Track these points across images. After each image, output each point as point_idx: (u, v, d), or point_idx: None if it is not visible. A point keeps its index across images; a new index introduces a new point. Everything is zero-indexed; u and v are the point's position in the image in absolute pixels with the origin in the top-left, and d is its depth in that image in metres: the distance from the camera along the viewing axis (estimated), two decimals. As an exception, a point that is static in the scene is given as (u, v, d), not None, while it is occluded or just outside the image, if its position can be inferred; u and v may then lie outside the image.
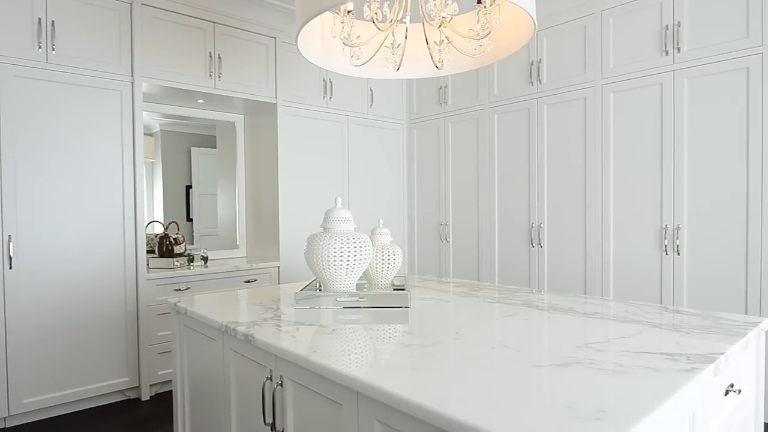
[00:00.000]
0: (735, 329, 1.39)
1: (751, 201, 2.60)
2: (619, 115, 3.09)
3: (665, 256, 2.91)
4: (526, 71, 3.53)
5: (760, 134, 2.57)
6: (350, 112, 4.02)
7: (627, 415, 0.82)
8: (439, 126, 4.17)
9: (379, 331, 1.42)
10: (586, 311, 1.65)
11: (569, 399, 0.89)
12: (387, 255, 1.88)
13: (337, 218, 1.75)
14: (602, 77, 3.14)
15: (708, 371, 1.06)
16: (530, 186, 3.55)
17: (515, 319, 1.55)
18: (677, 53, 2.83)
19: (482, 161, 3.85)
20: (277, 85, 3.57)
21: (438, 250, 4.22)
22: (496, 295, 1.97)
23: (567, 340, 1.29)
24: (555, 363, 1.10)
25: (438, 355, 1.17)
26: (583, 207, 3.27)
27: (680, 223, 2.85)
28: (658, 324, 1.47)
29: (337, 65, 1.95)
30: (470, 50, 1.73)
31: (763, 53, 2.55)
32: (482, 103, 3.82)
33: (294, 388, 1.27)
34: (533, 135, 3.51)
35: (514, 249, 3.67)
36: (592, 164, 3.21)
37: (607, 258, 3.15)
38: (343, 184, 4.00)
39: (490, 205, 3.80)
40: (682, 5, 2.80)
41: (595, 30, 3.16)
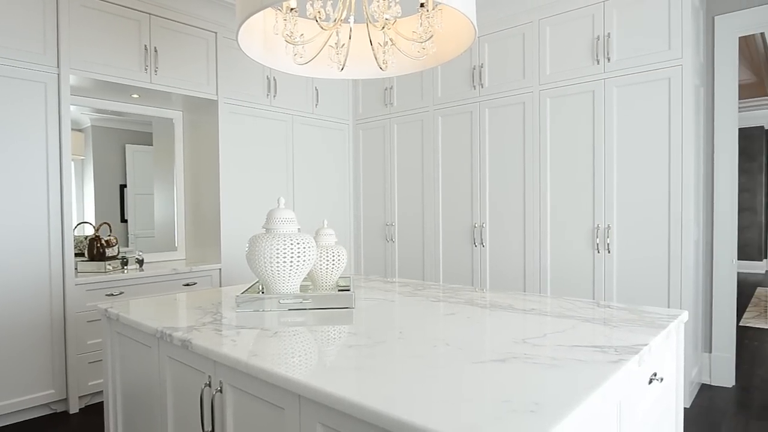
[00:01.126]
0: (658, 321, 1.49)
1: (672, 202, 2.80)
2: (555, 120, 3.23)
3: (597, 254, 3.07)
4: (469, 75, 3.62)
5: (680, 140, 2.77)
6: (295, 112, 3.96)
7: (559, 406, 0.86)
8: (384, 127, 4.20)
9: (323, 333, 1.41)
10: (524, 308, 1.72)
11: (506, 393, 0.92)
12: (331, 256, 1.87)
13: (280, 219, 1.71)
14: (540, 83, 3.27)
15: (633, 362, 1.13)
16: (473, 187, 3.64)
17: (457, 318, 1.58)
18: (607, 62, 3.00)
19: (427, 162, 3.91)
20: (219, 82, 3.46)
21: (384, 251, 4.24)
22: (440, 294, 2.01)
23: (506, 337, 1.33)
24: (494, 359, 1.13)
25: (381, 355, 1.17)
26: (522, 208, 3.39)
27: (610, 223, 3.02)
28: (590, 318, 1.55)
29: (280, 63, 1.92)
30: (413, 53, 1.75)
31: (682, 65, 2.75)
32: (427, 105, 3.88)
33: (234, 394, 1.23)
34: (475, 137, 3.61)
35: (457, 249, 3.75)
36: (530, 167, 3.34)
37: (545, 256, 3.29)
38: (287, 185, 3.94)
39: (434, 205, 3.87)
40: (611, 17, 2.97)
41: (533, 38, 3.29)
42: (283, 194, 3.91)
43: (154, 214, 3.70)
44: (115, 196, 3.51)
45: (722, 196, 3.23)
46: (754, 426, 2.68)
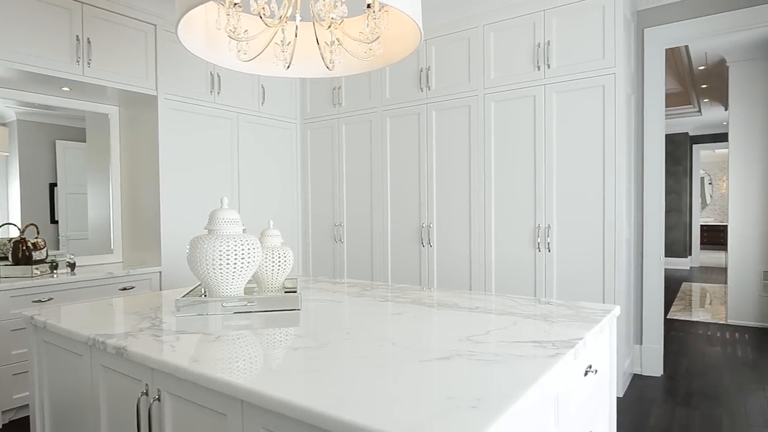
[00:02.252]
0: (592, 316, 1.56)
1: (606, 203, 2.96)
2: (499, 123, 3.33)
3: (538, 252, 3.20)
4: (416, 77, 3.67)
5: (613, 145, 2.94)
6: (240, 109, 3.86)
7: (500, 401, 0.88)
8: (333, 127, 4.18)
9: (269, 336, 1.38)
10: (469, 306, 1.76)
11: (450, 390, 0.94)
12: (277, 257, 1.84)
13: (223, 219, 1.66)
14: (484, 87, 3.36)
15: (569, 355, 1.18)
16: (420, 188, 3.69)
17: (404, 317, 1.60)
18: (548, 69, 3.12)
19: (375, 163, 3.92)
20: (158, 76, 3.31)
21: (332, 251, 4.22)
22: (387, 294, 2.02)
23: (451, 335, 1.36)
24: (439, 357, 1.15)
25: (328, 357, 1.16)
26: (468, 208, 3.48)
27: (550, 223, 3.15)
28: (531, 315, 1.60)
29: (223, 59, 1.86)
30: (361, 53, 1.75)
31: (615, 73, 2.91)
32: (375, 105, 3.90)
33: (173, 402, 1.18)
34: (423, 139, 3.66)
35: (405, 249, 3.79)
36: (475, 168, 3.43)
37: (489, 255, 3.38)
38: (233, 184, 3.83)
39: (383, 206, 3.89)
40: (551, 26, 3.10)
41: (478, 43, 3.38)
42: (228, 194, 3.81)
43: (88, 214, 3.49)
44: (44, 196, 3.29)
45: (651, 197, 3.45)
46: (679, 411, 2.88)
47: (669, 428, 2.66)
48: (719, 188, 12.68)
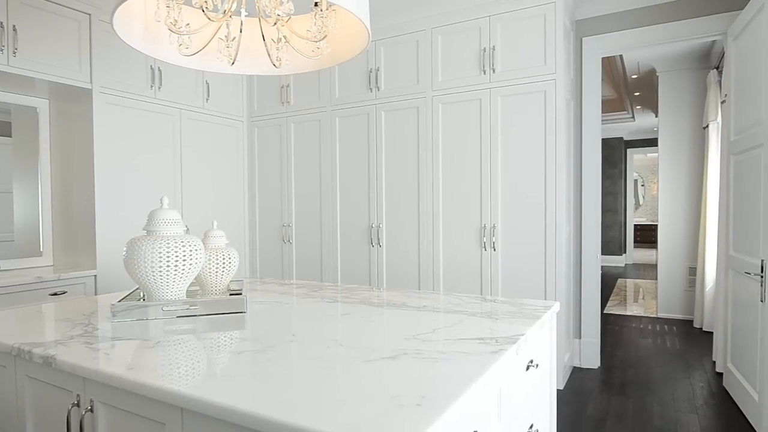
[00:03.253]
0: (534, 313, 1.62)
1: (548, 204, 3.08)
2: (446, 125, 3.39)
3: (484, 252, 3.28)
4: (366, 78, 3.67)
5: (553, 148, 3.06)
6: (183, 105, 3.72)
7: (444, 398, 0.90)
8: (281, 125, 4.11)
9: (212, 340, 1.33)
10: (416, 305, 1.78)
11: (395, 389, 0.94)
12: (222, 259, 1.78)
13: (163, 220, 1.60)
14: (432, 89, 3.42)
15: (512, 351, 1.22)
16: (370, 188, 3.70)
17: (352, 317, 1.59)
18: (493, 73, 3.21)
19: (325, 163, 3.89)
20: (93, 69, 3.14)
21: (281, 252, 4.15)
22: (336, 295, 2.01)
23: (398, 334, 1.37)
24: (385, 356, 1.15)
25: (273, 360, 1.14)
26: (417, 208, 3.52)
27: (496, 223, 3.24)
28: (476, 313, 1.64)
29: (163, 53, 1.79)
30: (308, 52, 1.73)
31: (556, 79, 3.03)
32: (324, 105, 3.87)
33: (107, 413, 1.12)
34: (372, 139, 3.67)
35: (355, 249, 3.78)
36: (424, 169, 3.48)
37: (438, 255, 3.44)
38: (175, 184, 3.69)
39: (332, 206, 3.87)
40: (496, 31, 3.19)
41: (426, 45, 3.43)
42: (171, 194, 3.66)
43: (14, 215, 3.25)
44: (-37, 195, 3.03)
45: (589, 198, 3.63)
46: (615, 401, 3.04)
47: (605, 417, 2.80)
48: (651, 190, 13.51)
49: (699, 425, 2.69)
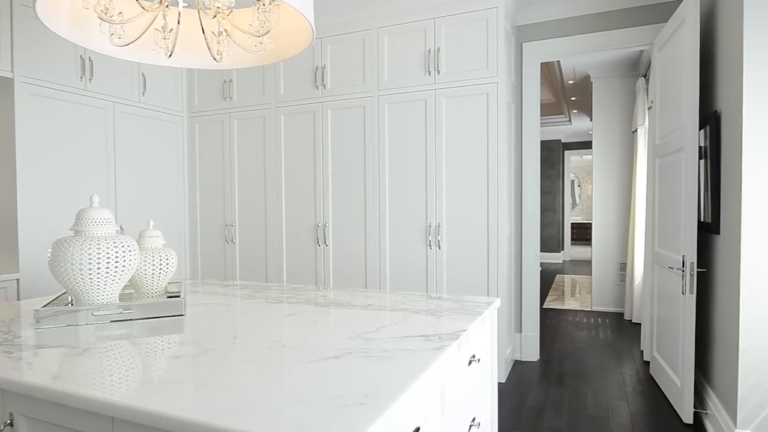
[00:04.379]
0: (476, 309, 1.66)
1: (490, 203, 3.17)
2: (393, 125, 3.42)
3: (430, 250, 3.34)
4: (312, 75, 3.63)
5: (495, 149, 3.15)
6: (117, 99, 3.53)
7: (386, 395, 0.90)
8: (224, 122, 3.98)
9: (148, 345, 1.27)
10: (362, 304, 1.78)
11: (339, 389, 0.94)
12: (158, 260, 1.71)
13: (92, 219, 1.51)
14: (378, 89, 3.43)
15: (454, 347, 1.24)
16: (316, 187, 3.66)
17: (296, 318, 1.57)
18: (438, 74, 3.27)
19: (269, 161, 3.81)
20: (15, 57, 2.91)
21: (224, 252, 4.03)
22: (280, 295, 1.97)
23: (343, 333, 1.36)
24: (329, 356, 1.15)
25: (212, 364, 1.11)
26: (364, 207, 3.52)
27: (440, 222, 3.30)
28: (420, 310, 1.66)
29: (93, 42, 1.68)
30: (251, 46, 1.69)
31: (497, 83, 3.13)
32: (269, 102, 3.79)
33: (29, 426, 1.04)
34: (318, 138, 3.64)
35: (301, 248, 3.73)
36: (370, 168, 3.48)
37: (384, 253, 3.46)
38: (108, 182, 3.49)
39: (277, 204, 3.80)
40: (441, 34, 3.25)
41: (372, 45, 3.44)
42: (104, 192, 3.46)
43: None
44: None
45: (529, 198, 3.77)
46: (553, 391, 3.18)
47: (544, 407, 2.92)
48: (586, 190, 14.23)
49: (628, 411, 2.86)
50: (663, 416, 2.78)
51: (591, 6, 3.49)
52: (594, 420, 2.75)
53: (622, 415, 2.81)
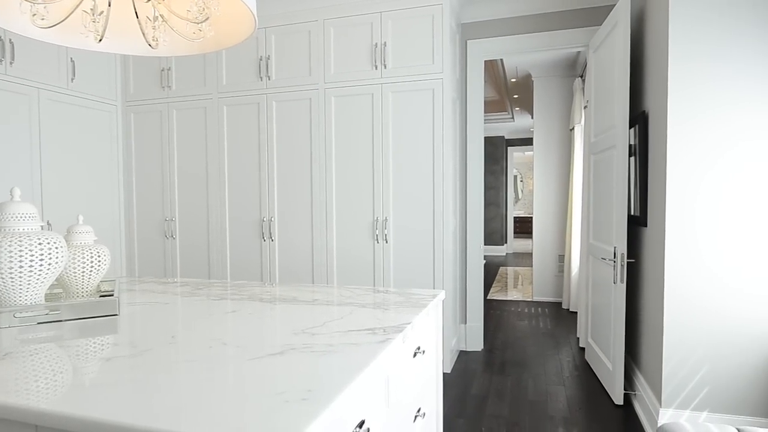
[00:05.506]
0: (421, 302, 1.69)
1: (436, 197, 3.22)
2: (339, 119, 3.39)
3: (377, 244, 3.35)
4: (256, 65, 3.54)
5: (441, 144, 3.20)
6: (43, 85, 3.28)
7: (330, 390, 0.90)
8: (162, 112, 3.81)
9: (77, 347, 1.20)
10: (307, 299, 1.76)
11: (282, 385, 0.93)
12: (89, 257, 1.61)
13: (13, 215, 1.40)
14: (325, 81, 3.39)
15: (398, 340, 1.26)
16: (261, 180, 3.58)
17: (239, 315, 1.53)
18: (384, 69, 3.27)
19: (211, 153, 3.69)
20: None
21: (163, 248, 3.86)
22: (223, 292, 1.92)
23: (287, 329, 1.34)
24: (272, 353, 1.13)
25: (148, 365, 1.06)
26: (310, 201, 3.48)
27: (388, 216, 3.32)
28: (366, 304, 1.67)
29: (13, 23, 1.55)
30: (189, 33, 1.62)
31: (443, 79, 3.17)
32: (210, 92, 3.66)
33: (-61, 440, 0.96)
34: (263, 130, 3.55)
35: (246, 243, 3.64)
36: (317, 162, 3.44)
37: (331, 248, 3.44)
38: (33, 174, 3.25)
39: (220, 199, 3.68)
40: (387, 28, 3.25)
41: (318, 36, 3.39)
42: (27, 186, 3.22)
43: None
44: None
45: (473, 192, 3.86)
46: (495, 380, 3.28)
47: (487, 395, 3.02)
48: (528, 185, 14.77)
49: (565, 395, 3.01)
50: (596, 399, 2.94)
51: (532, 7, 3.61)
52: (534, 405, 2.87)
53: (559, 399, 2.95)
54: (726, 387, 2.26)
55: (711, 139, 2.24)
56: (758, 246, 2.20)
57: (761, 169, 2.19)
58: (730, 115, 2.21)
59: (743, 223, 2.22)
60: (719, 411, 2.27)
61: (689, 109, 2.25)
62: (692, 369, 2.29)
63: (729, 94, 2.20)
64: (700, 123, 2.24)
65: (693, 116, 2.25)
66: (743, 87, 2.19)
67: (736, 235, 2.23)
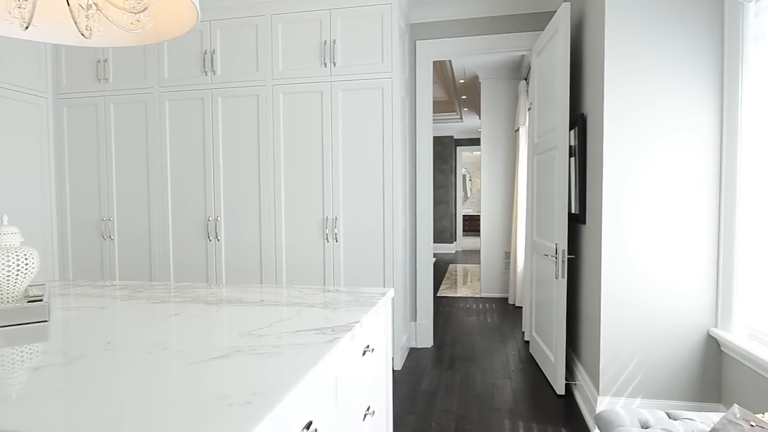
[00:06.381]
0: (370, 300, 1.69)
1: (386, 196, 3.24)
2: (288, 116, 3.34)
3: (327, 243, 3.33)
4: (200, 59, 3.42)
5: (390, 143, 3.22)
6: (-37, 75, 3.03)
7: (275, 393, 0.88)
8: (98, 105, 3.61)
9: (2, 357, 1.12)
10: (254, 300, 1.72)
11: (225, 389, 0.90)
12: (14, 260, 1.50)
13: (-74, 214, 1.28)
14: (273, 78, 3.33)
15: (347, 339, 1.25)
16: (206, 178, 3.47)
17: (181, 318, 1.48)
18: (334, 67, 3.25)
19: (153, 150, 3.53)
20: None
21: (100, 250, 3.66)
22: (165, 295, 1.84)
23: (231, 331, 1.31)
24: (216, 356, 1.09)
25: (80, 373, 1.00)
26: (258, 200, 3.41)
27: (338, 215, 3.30)
28: (315, 304, 1.65)
29: (-76, 5, 1.42)
30: (126, 24, 1.54)
31: (392, 78, 3.19)
32: (151, 86, 3.50)
33: None
34: (208, 126, 3.44)
35: (190, 244, 3.52)
36: (265, 159, 3.38)
37: (280, 247, 3.38)
38: (-48, 170, 2.99)
39: (163, 197, 3.53)
40: (337, 26, 3.23)
41: (266, 32, 3.32)
42: (-55, 182, 2.96)
43: None
44: None
45: (423, 191, 3.91)
46: (445, 375, 3.34)
47: (437, 391, 3.07)
48: (476, 184, 15.13)
49: (511, 388, 3.11)
50: (540, 390, 3.06)
51: (479, 10, 3.70)
52: (481, 398, 2.95)
53: (505, 392, 3.05)
54: (657, 375, 2.41)
55: (640, 138, 2.37)
56: (681, 238, 2.36)
57: (685, 165, 2.34)
58: (659, 113, 2.35)
59: (668, 219, 2.37)
60: (651, 397, 2.41)
61: (623, 109, 2.38)
62: (626, 359, 2.43)
63: (659, 93, 2.34)
64: (633, 122, 2.37)
65: (627, 115, 2.37)
66: (671, 86, 2.33)
67: (660, 230, 2.37)
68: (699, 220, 2.34)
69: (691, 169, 2.34)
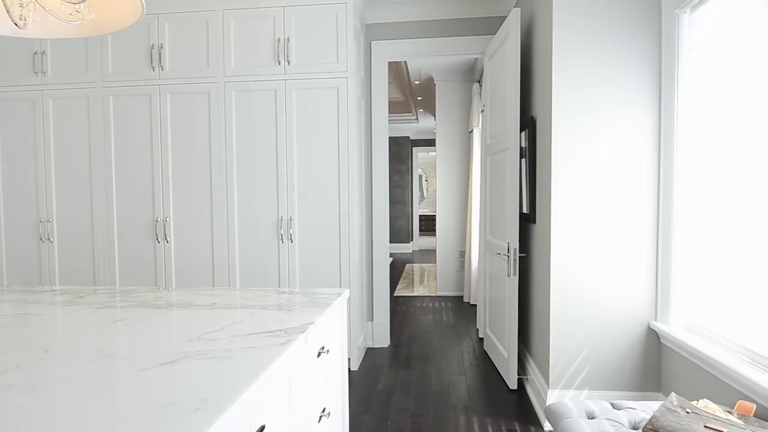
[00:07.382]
0: (325, 301, 1.68)
1: (342, 196, 3.22)
2: (240, 114, 3.26)
3: (282, 243, 3.27)
4: (147, 54, 3.29)
5: (346, 143, 3.21)
6: None
7: (225, 398, 0.86)
8: (35, 100, 3.40)
9: None
10: (205, 303, 1.67)
11: (172, 396, 0.87)
12: (-62, 265, 1.39)
13: None
14: (225, 75, 3.24)
15: (300, 340, 1.24)
16: (154, 178, 3.33)
17: (127, 323, 1.41)
18: (288, 65, 3.20)
19: (96, 147, 3.36)
20: None
21: (38, 253, 3.45)
22: (109, 299, 1.76)
23: (180, 336, 1.26)
24: (162, 362, 1.05)
25: (13, 386, 0.94)
26: (210, 200, 3.31)
27: (293, 215, 3.26)
28: (269, 305, 1.62)
29: None
30: (64, 14, 1.46)
31: (347, 77, 3.18)
32: (94, 80, 3.34)
33: None
34: (156, 124, 3.31)
35: (137, 246, 3.37)
36: (217, 158, 3.28)
37: (233, 248, 3.30)
38: None
39: (107, 197, 3.37)
40: (291, 23, 3.19)
41: (217, 27, 3.23)
42: None
43: None
44: None
45: (379, 191, 3.91)
46: (401, 374, 3.36)
47: (393, 390, 3.08)
48: (432, 185, 15.32)
49: (466, 384, 3.16)
50: (494, 385, 3.13)
51: (433, 13, 3.74)
52: (437, 396, 2.98)
53: (460, 388, 3.10)
54: (602, 367, 2.52)
55: (586, 138, 2.47)
56: (624, 237, 2.48)
57: (627, 165, 2.46)
58: (603, 115, 2.45)
59: (612, 218, 2.48)
60: (597, 388, 2.52)
61: (570, 111, 2.47)
62: (574, 353, 2.52)
63: (604, 95, 2.45)
64: (579, 124, 2.47)
65: (574, 117, 2.47)
66: (614, 89, 2.44)
67: (605, 229, 2.49)
68: (640, 219, 2.46)
69: (633, 169, 2.46)
